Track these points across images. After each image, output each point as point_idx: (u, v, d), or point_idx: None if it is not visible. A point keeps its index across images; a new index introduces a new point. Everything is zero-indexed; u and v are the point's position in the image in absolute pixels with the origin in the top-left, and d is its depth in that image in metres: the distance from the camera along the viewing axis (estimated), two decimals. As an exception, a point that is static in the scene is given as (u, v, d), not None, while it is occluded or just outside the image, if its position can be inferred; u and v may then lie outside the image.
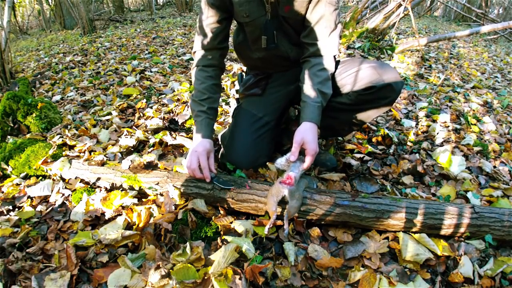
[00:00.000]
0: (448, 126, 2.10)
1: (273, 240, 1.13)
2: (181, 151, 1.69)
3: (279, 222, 1.15)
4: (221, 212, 1.20)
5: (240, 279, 0.93)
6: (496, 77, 3.74)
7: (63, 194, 1.37)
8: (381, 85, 1.21)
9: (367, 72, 1.23)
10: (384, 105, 1.29)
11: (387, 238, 1.13)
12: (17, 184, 1.48)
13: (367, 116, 1.34)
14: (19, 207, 1.35)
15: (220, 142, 1.66)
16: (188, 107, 2.20)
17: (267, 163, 1.46)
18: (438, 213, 1.10)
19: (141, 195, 1.32)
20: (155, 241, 1.12)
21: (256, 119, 1.43)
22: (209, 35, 1.29)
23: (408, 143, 1.87)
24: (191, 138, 1.76)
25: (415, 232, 1.12)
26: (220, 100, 2.36)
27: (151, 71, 3.31)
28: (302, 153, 1.15)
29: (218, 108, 1.35)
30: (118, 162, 1.46)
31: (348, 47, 3.72)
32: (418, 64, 3.71)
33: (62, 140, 1.66)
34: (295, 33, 1.31)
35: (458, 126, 2.11)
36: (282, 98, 1.48)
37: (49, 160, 1.49)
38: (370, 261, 1.05)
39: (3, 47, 3.19)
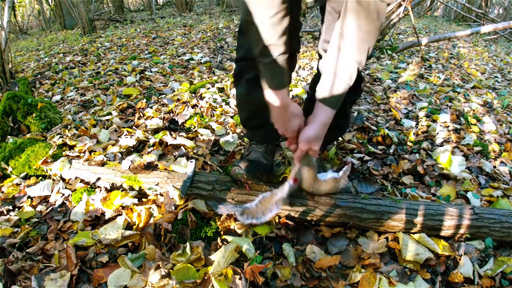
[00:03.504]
0: (448, 126, 2.10)
1: (273, 240, 1.13)
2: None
3: (282, 221, 1.15)
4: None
5: (240, 279, 0.93)
6: (496, 77, 3.73)
7: (63, 194, 1.37)
8: None
9: None
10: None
11: (386, 238, 1.13)
12: (17, 184, 1.48)
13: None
14: (19, 207, 1.35)
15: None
16: (187, 107, 2.20)
17: None
18: (438, 214, 1.10)
19: (141, 195, 1.32)
20: (155, 241, 1.12)
21: None
22: None
23: (408, 143, 1.87)
24: (191, 138, 1.76)
25: (414, 233, 1.12)
26: (220, 100, 2.36)
27: (151, 71, 3.31)
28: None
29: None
30: (118, 162, 1.46)
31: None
32: (418, 64, 3.71)
33: (62, 140, 1.66)
34: None
35: (458, 126, 2.11)
36: None
37: (49, 160, 1.49)
38: (369, 261, 1.05)
39: (3, 47, 3.18)
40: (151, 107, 2.26)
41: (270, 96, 0.95)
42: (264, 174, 1.26)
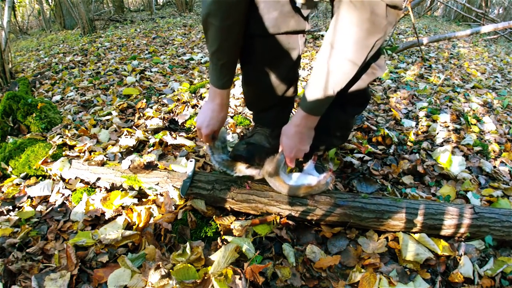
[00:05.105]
0: (448, 126, 2.10)
1: (273, 240, 1.13)
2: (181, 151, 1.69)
3: (283, 221, 1.15)
4: (227, 208, 1.20)
5: (240, 279, 0.93)
6: (496, 77, 3.73)
7: (63, 194, 1.38)
8: None
9: None
10: None
11: (386, 238, 1.13)
12: (17, 184, 1.48)
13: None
14: (19, 207, 1.35)
15: None
16: (187, 107, 2.20)
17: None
18: (438, 213, 1.10)
19: (141, 195, 1.32)
20: (155, 241, 1.12)
21: None
22: None
23: (408, 143, 1.87)
24: (191, 138, 1.76)
25: (415, 233, 1.12)
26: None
27: (151, 71, 3.31)
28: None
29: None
30: (118, 162, 1.46)
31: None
32: (418, 64, 3.71)
33: (62, 140, 1.66)
34: None
35: (458, 126, 2.11)
36: None
37: (49, 160, 1.49)
38: (369, 261, 1.05)
39: (3, 47, 3.19)
40: (151, 107, 2.26)
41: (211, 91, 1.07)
42: (264, 159, 1.13)
